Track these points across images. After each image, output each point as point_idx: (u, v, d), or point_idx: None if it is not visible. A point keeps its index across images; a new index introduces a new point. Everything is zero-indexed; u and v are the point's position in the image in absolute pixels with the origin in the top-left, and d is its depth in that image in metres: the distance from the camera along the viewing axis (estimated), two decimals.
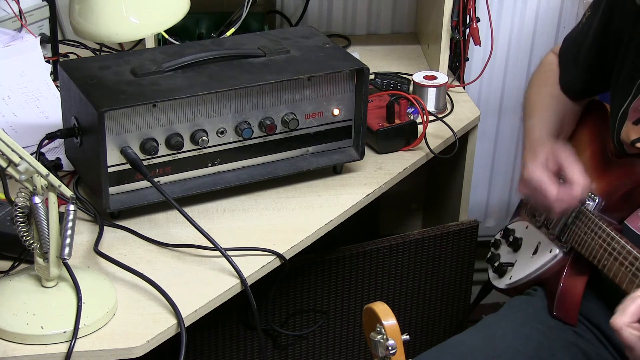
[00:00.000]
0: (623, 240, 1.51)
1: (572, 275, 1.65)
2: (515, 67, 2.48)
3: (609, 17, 1.63)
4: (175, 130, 1.56)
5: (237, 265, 1.44)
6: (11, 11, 1.97)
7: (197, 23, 2.15)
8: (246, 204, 1.64)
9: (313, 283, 1.98)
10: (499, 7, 2.40)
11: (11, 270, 1.43)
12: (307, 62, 1.66)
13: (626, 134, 1.56)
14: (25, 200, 1.28)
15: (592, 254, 1.58)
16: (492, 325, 1.66)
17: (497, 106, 2.53)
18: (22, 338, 1.29)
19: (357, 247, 2.00)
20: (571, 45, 1.76)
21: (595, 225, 1.58)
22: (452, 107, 2.03)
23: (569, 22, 2.42)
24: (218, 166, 1.63)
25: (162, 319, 1.35)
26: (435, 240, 2.07)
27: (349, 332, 2.08)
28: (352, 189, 1.70)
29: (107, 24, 1.39)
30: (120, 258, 1.47)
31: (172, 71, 1.59)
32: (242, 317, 1.92)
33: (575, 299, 1.64)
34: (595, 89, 1.76)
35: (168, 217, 1.59)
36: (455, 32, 2.05)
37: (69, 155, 1.67)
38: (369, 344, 1.28)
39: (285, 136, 1.66)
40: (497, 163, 2.61)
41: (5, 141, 1.24)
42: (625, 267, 1.49)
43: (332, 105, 1.68)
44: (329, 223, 1.60)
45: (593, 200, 1.62)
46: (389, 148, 1.83)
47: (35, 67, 1.94)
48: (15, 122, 1.83)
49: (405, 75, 2.11)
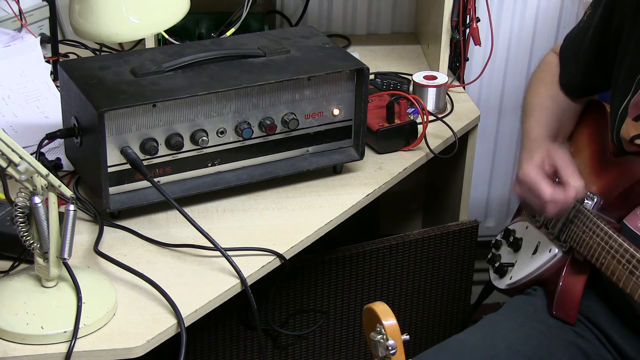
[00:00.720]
0: (620, 238, 1.52)
1: (572, 274, 1.65)
2: (515, 67, 2.48)
3: (610, 13, 1.63)
4: (175, 130, 1.56)
5: (237, 265, 1.44)
6: (11, 11, 1.97)
7: (197, 23, 2.15)
8: (246, 204, 1.64)
9: (313, 283, 1.98)
10: (499, 7, 2.40)
11: (11, 270, 1.43)
12: (307, 62, 1.66)
13: (626, 130, 1.56)
14: (25, 200, 1.28)
15: (590, 252, 1.58)
16: (492, 325, 1.66)
17: (497, 106, 2.53)
18: (22, 338, 1.29)
19: (357, 247, 2.00)
20: (572, 43, 1.76)
21: (593, 225, 1.58)
22: (452, 107, 2.03)
23: (569, 22, 2.42)
24: (218, 166, 1.63)
25: (162, 319, 1.35)
26: (435, 240, 2.07)
27: (349, 332, 2.08)
28: (352, 189, 1.70)
29: (107, 24, 1.39)
30: (120, 258, 1.47)
31: (172, 71, 1.59)
32: (242, 317, 1.92)
33: (574, 298, 1.64)
34: (595, 87, 1.76)
35: (168, 217, 1.59)
36: (455, 32, 2.05)
37: (69, 155, 1.67)
38: (369, 344, 1.28)
39: (285, 136, 1.66)
40: (497, 163, 2.61)
41: (5, 141, 1.24)
42: (623, 264, 1.49)
43: (332, 105, 1.68)
44: (329, 223, 1.60)
45: (591, 200, 1.63)
46: (389, 148, 1.83)
47: (35, 67, 1.94)
48: (15, 122, 1.83)
49: (405, 75, 2.11)
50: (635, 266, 1.47)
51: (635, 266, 1.47)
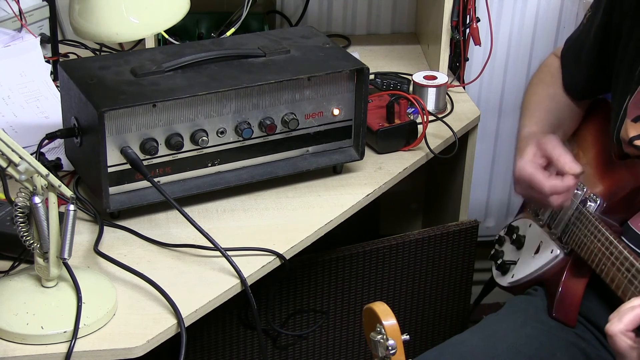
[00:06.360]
0: (621, 245, 1.50)
1: (573, 277, 1.64)
2: (515, 67, 2.48)
3: (610, 13, 1.63)
4: (175, 130, 1.56)
5: (237, 265, 1.44)
6: (11, 11, 1.97)
7: (197, 23, 2.15)
8: (246, 204, 1.64)
9: (313, 283, 1.98)
10: (499, 7, 2.40)
11: (11, 270, 1.43)
12: (307, 62, 1.66)
13: (625, 131, 1.55)
14: (25, 200, 1.28)
15: (591, 257, 1.57)
16: (492, 325, 1.66)
17: (497, 106, 2.53)
18: (22, 338, 1.29)
19: (357, 247, 2.00)
20: (573, 45, 1.76)
21: (595, 229, 1.57)
22: (452, 107, 2.03)
23: (569, 22, 2.42)
24: (218, 166, 1.63)
25: (162, 319, 1.35)
26: (435, 240, 2.07)
27: (349, 332, 2.08)
28: (352, 189, 1.70)
29: (107, 24, 1.39)
30: (120, 258, 1.47)
31: (172, 71, 1.59)
32: (242, 317, 1.91)
33: (574, 300, 1.64)
34: (597, 89, 1.75)
35: (168, 217, 1.59)
36: (455, 32, 2.05)
37: (69, 155, 1.67)
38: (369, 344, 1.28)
39: (285, 136, 1.66)
40: (497, 163, 2.61)
41: (5, 141, 1.24)
42: (622, 273, 1.48)
43: (332, 105, 1.68)
44: (329, 223, 1.60)
45: (595, 202, 1.62)
46: (389, 148, 1.83)
47: (35, 67, 1.94)
48: (15, 122, 1.83)
49: (405, 75, 2.11)
50: (635, 275, 1.45)
51: (634, 275, 1.45)
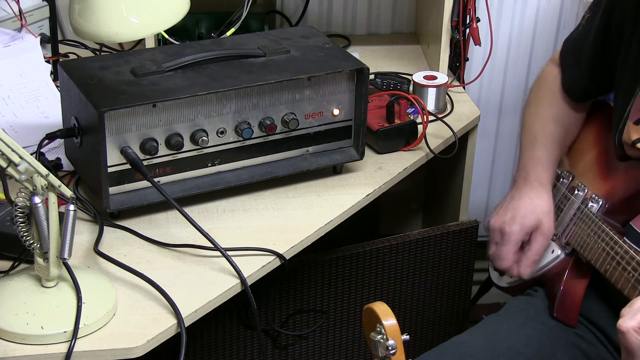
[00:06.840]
0: (626, 244, 1.50)
1: (574, 277, 1.64)
2: (515, 67, 2.48)
3: (610, 13, 1.62)
4: (175, 130, 1.56)
5: (237, 265, 1.44)
6: (11, 11, 1.97)
7: (197, 23, 2.15)
8: (246, 204, 1.64)
9: (313, 283, 1.98)
10: (499, 7, 2.40)
11: (11, 270, 1.43)
12: (307, 62, 1.66)
13: (627, 134, 1.55)
14: (25, 200, 1.28)
15: (594, 257, 1.57)
16: (492, 326, 1.66)
17: (497, 106, 2.53)
18: (22, 338, 1.29)
19: (357, 247, 2.00)
20: (572, 46, 1.75)
21: (598, 228, 1.57)
22: (452, 107, 2.03)
23: (569, 22, 2.42)
24: (218, 166, 1.63)
25: (162, 319, 1.35)
26: (435, 240, 2.07)
27: (349, 332, 2.08)
28: (352, 189, 1.70)
29: (107, 24, 1.39)
30: (120, 258, 1.47)
31: (172, 71, 1.59)
32: (242, 317, 1.91)
33: (575, 301, 1.64)
34: (598, 89, 1.75)
35: (168, 217, 1.59)
36: (455, 32, 2.05)
37: (69, 155, 1.67)
38: (369, 344, 1.28)
39: (285, 136, 1.66)
40: (497, 163, 2.61)
41: (5, 141, 1.24)
42: (628, 272, 1.47)
43: (332, 105, 1.68)
44: (329, 223, 1.60)
45: (597, 202, 1.61)
46: (389, 148, 1.83)
47: (35, 67, 1.94)
48: (15, 122, 1.83)
49: (405, 75, 2.11)
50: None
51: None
